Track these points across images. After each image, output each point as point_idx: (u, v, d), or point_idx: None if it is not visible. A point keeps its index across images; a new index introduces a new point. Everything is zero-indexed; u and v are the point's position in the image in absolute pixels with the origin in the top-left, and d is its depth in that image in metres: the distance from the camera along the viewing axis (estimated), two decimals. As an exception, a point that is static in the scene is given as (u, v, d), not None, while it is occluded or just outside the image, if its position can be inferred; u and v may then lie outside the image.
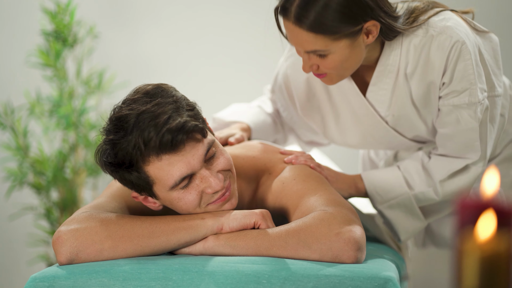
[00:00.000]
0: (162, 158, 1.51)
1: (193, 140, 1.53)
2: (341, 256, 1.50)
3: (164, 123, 1.49)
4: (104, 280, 1.48)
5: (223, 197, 1.58)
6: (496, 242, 0.71)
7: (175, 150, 1.51)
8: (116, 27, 3.32)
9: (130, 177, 1.54)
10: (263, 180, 1.74)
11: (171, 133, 1.49)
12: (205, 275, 1.48)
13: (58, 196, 3.01)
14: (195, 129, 1.52)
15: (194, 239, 1.56)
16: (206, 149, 1.55)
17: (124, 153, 1.51)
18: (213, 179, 1.55)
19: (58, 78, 2.98)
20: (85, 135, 3.00)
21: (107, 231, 1.54)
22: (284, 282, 1.46)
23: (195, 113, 1.57)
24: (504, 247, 0.71)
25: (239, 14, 3.31)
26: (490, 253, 0.70)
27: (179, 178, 1.53)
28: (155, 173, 1.52)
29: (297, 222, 1.54)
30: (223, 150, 1.60)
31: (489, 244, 0.70)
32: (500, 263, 0.70)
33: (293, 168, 1.73)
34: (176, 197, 1.56)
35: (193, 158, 1.53)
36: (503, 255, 0.70)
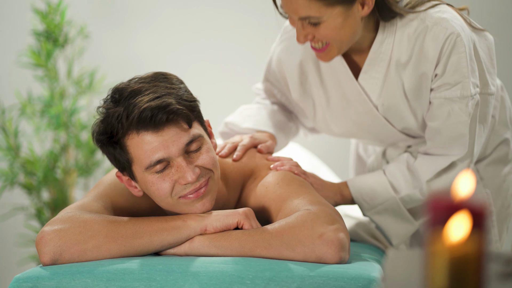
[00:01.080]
0: (141, 135, 1.52)
1: (176, 126, 1.54)
2: (325, 258, 1.51)
3: (149, 100, 1.51)
4: (88, 281, 1.48)
5: (196, 193, 1.57)
6: (466, 244, 0.70)
7: (155, 130, 1.52)
8: (107, 27, 3.32)
9: (114, 152, 1.56)
10: (247, 184, 1.74)
11: (151, 110, 1.51)
12: (189, 276, 1.47)
13: (49, 196, 3.01)
14: (178, 112, 1.53)
15: (177, 240, 1.56)
16: (188, 140, 1.55)
17: (109, 123, 1.54)
18: (188, 170, 1.54)
19: (49, 78, 2.97)
20: (76, 135, 3.00)
21: (90, 231, 1.54)
22: (268, 282, 1.46)
23: (189, 105, 1.57)
24: (473, 249, 0.70)
25: (232, 15, 3.31)
26: (459, 255, 0.70)
27: (155, 160, 1.54)
28: (134, 150, 1.54)
29: (280, 223, 1.54)
30: (210, 150, 1.59)
31: (458, 246, 0.70)
32: (469, 265, 0.70)
33: (276, 173, 1.72)
34: (150, 181, 1.56)
35: (173, 144, 1.53)
36: (472, 257, 0.70)
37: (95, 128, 1.58)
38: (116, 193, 1.67)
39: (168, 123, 1.53)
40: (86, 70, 3.08)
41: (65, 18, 2.97)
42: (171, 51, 3.33)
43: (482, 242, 0.73)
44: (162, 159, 1.54)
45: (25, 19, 3.14)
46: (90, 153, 3.02)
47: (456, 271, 0.70)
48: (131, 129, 1.52)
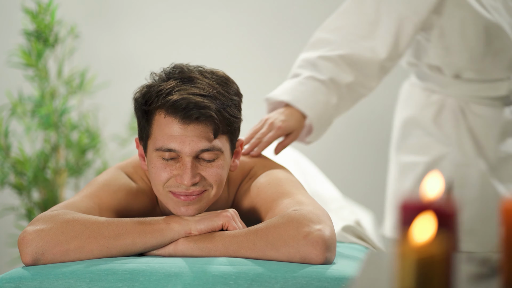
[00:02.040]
0: (167, 118, 1.54)
1: (202, 129, 1.54)
2: (309, 258, 1.50)
3: (194, 94, 1.53)
4: (71, 281, 1.48)
5: (186, 197, 1.57)
6: (433, 245, 0.70)
7: (182, 121, 1.53)
8: (98, 27, 3.32)
9: (141, 118, 1.59)
10: (243, 184, 1.74)
11: (188, 103, 1.52)
12: (172, 276, 1.47)
13: (39, 196, 3.00)
14: (210, 119, 1.53)
15: (160, 243, 1.55)
16: (206, 147, 1.55)
17: (150, 92, 1.57)
18: (188, 172, 1.54)
19: (39, 78, 2.97)
20: (66, 135, 2.99)
21: (73, 232, 1.53)
22: (251, 283, 1.46)
23: (228, 119, 1.56)
24: (441, 250, 0.70)
25: (222, 14, 3.30)
26: (426, 256, 0.69)
27: (167, 147, 1.55)
28: (156, 127, 1.56)
29: (266, 223, 1.54)
30: (222, 167, 1.58)
31: (425, 247, 0.69)
32: (436, 266, 0.70)
33: (268, 174, 1.72)
34: (154, 163, 1.58)
35: (190, 143, 1.54)
36: (439, 258, 0.70)
37: (139, 89, 1.61)
38: (108, 194, 1.66)
39: (196, 122, 1.53)
40: (77, 70, 3.08)
41: (56, 18, 2.96)
42: (162, 51, 3.33)
43: (450, 243, 0.72)
44: (173, 150, 1.55)
45: (15, 19, 3.14)
46: (81, 153, 3.01)
47: (423, 272, 0.69)
48: (161, 109, 1.54)
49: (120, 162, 1.85)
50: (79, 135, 3.01)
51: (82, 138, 3.00)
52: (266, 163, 1.76)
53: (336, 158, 3.21)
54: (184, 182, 1.55)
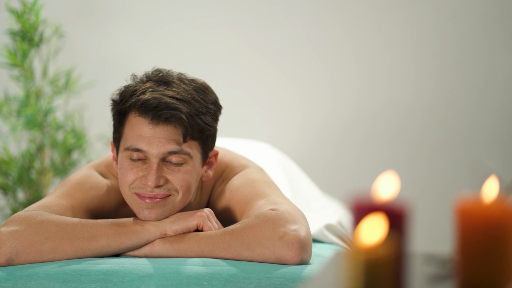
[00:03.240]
0: (139, 118, 1.54)
1: (171, 132, 1.54)
2: (284, 259, 1.50)
3: (167, 95, 1.54)
4: (44, 282, 1.48)
5: (150, 199, 1.56)
6: (382, 246, 0.69)
7: (152, 122, 1.53)
8: (84, 27, 3.31)
9: (116, 119, 1.60)
10: (216, 186, 1.73)
11: (159, 103, 1.53)
12: (146, 277, 1.47)
13: (25, 196, 2.99)
14: (180, 122, 1.53)
15: (135, 244, 1.55)
16: (173, 150, 1.54)
17: (125, 91, 1.58)
18: (153, 173, 1.54)
19: (25, 78, 2.96)
20: (51, 135, 2.99)
21: (47, 232, 1.53)
22: (225, 284, 1.45)
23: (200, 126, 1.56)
24: (389, 252, 0.70)
25: (211, 13, 3.30)
26: (374, 257, 0.69)
27: (135, 147, 1.55)
28: (127, 127, 1.57)
29: (242, 223, 1.53)
30: (189, 173, 1.57)
31: (373, 248, 0.69)
32: (384, 267, 0.69)
33: (241, 176, 1.71)
34: (122, 163, 1.58)
35: (158, 145, 1.54)
36: (387, 259, 0.69)
37: (117, 89, 1.62)
38: (82, 193, 1.66)
39: (165, 123, 1.53)
40: (62, 69, 3.07)
41: (40, 18, 2.95)
42: (149, 51, 3.32)
43: (400, 245, 0.72)
44: (141, 150, 1.55)
45: (0, 19, 3.13)
46: (66, 153, 3.00)
47: (371, 273, 0.69)
48: (134, 107, 1.55)
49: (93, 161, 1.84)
50: (65, 135, 3.00)
51: (68, 138, 2.99)
52: (239, 164, 1.76)
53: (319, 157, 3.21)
54: (148, 183, 1.54)
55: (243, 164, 1.75)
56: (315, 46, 3.20)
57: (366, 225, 0.70)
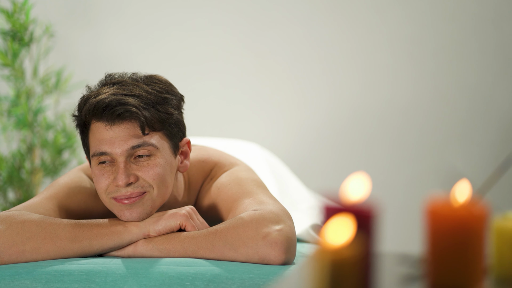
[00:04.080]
0: (97, 123, 1.55)
1: (129, 127, 1.54)
2: (268, 259, 1.49)
3: (114, 94, 1.54)
4: (27, 282, 1.47)
5: (126, 199, 1.56)
6: (348, 247, 0.69)
7: (107, 123, 1.54)
8: (75, 26, 3.30)
9: (81, 134, 1.60)
10: (204, 185, 1.73)
11: (109, 102, 1.52)
12: (128, 277, 1.46)
13: (15, 196, 2.99)
14: (133, 115, 1.53)
15: (118, 245, 1.55)
16: (135, 144, 1.54)
17: (80, 102, 1.59)
18: (121, 173, 1.54)
19: (15, 78, 2.96)
20: (42, 135, 2.98)
21: (29, 233, 1.53)
22: (208, 284, 1.45)
23: (159, 115, 1.56)
24: (355, 253, 0.70)
25: (203, 13, 3.29)
26: (340, 258, 0.69)
27: (99, 151, 1.55)
28: (91, 135, 1.57)
29: (226, 223, 1.53)
30: (158, 165, 1.56)
31: (339, 249, 0.69)
32: (349, 268, 0.69)
33: (229, 174, 1.71)
34: (93, 171, 1.58)
35: (119, 143, 1.54)
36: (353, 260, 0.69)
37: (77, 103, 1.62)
38: (68, 196, 1.66)
39: (120, 121, 1.53)
40: (53, 69, 3.07)
41: (31, 17, 2.95)
42: (141, 50, 3.32)
43: (367, 246, 0.72)
44: (105, 153, 1.55)
45: (-9, 18, 3.12)
46: (57, 153, 3.00)
47: (335, 274, 0.69)
48: (90, 114, 1.55)
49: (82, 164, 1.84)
50: (55, 135, 3.00)
51: (58, 138, 2.99)
52: (228, 162, 1.75)
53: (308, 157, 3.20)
54: (118, 182, 1.54)
55: (231, 163, 1.75)
56: (307, 46, 3.20)
57: (333, 225, 0.70)
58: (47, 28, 3.00)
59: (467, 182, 0.82)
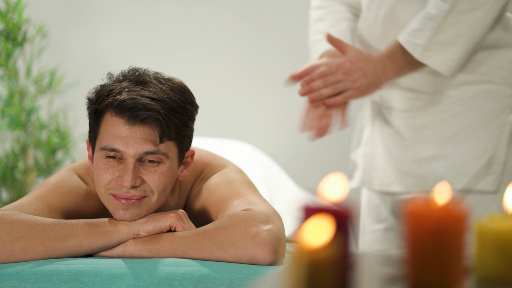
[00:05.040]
0: (116, 118, 1.53)
1: (148, 132, 1.53)
2: (256, 260, 1.49)
3: (143, 96, 1.53)
4: (15, 282, 1.47)
5: (126, 200, 1.56)
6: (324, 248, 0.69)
7: (128, 122, 1.53)
8: (68, 26, 3.30)
9: (91, 118, 1.59)
10: (194, 186, 1.73)
11: (136, 104, 1.52)
12: (117, 278, 1.46)
13: (8, 196, 2.99)
14: (157, 122, 1.53)
15: (107, 245, 1.55)
16: (149, 151, 1.54)
17: (102, 91, 1.57)
18: (129, 174, 1.53)
19: (8, 78, 2.95)
20: (35, 135, 2.98)
21: (18, 233, 1.52)
22: (196, 284, 1.45)
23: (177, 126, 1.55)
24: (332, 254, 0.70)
25: (197, 12, 3.29)
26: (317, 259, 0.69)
27: (111, 147, 1.54)
28: (104, 126, 1.55)
29: (215, 224, 1.53)
30: (165, 174, 1.56)
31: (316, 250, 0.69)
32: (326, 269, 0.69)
33: (219, 175, 1.71)
34: (98, 163, 1.57)
35: (134, 145, 1.53)
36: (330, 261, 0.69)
37: (93, 88, 1.60)
38: (58, 196, 1.65)
39: (142, 123, 1.53)
40: (46, 69, 3.07)
41: (24, 17, 2.95)
42: (134, 49, 3.32)
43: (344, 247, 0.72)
44: (117, 150, 1.54)
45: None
46: (51, 153, 3.00)
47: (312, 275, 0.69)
48: (110, 107, 1.54)
49: (73, 163, 1.84)
50: (49, 135, 3.00)
51: (52, 138, 2.99)
52: (218, 164, 1.75)
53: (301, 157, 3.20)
54: (124, 183, 1.53)
55: (222, 164, 1.75)
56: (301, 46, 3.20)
57: (310, 226, 0.70)
58: (40, 28, 3.00)
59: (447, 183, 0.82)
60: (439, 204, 0.80)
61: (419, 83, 1.84)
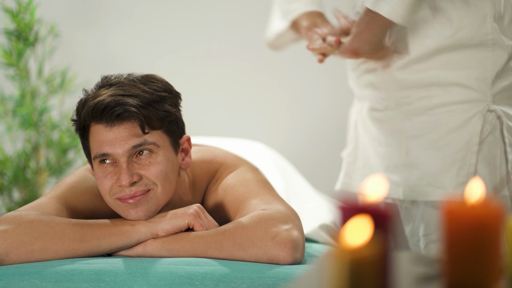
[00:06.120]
0: (95, 126, 1.56)
1: (129, 127, 1.55)
2: (277, 259, 1.50)
3: (111, 95, 1.55)
4: (36, 282, 1.47)
5: (130, 199, 1.56)
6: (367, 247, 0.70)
7: (107, 124, 1.54)
8: (79, 26, 3.31)
9: (81, 138, 1.61)
10: (210, 186, 1.73)
11: (107, 104, 1.53)
12: (138, 277, 1.47)
13: (20, 196, 2.99)
14: (132, 114, 1.54)
15: (126, 245, 1.55)
16: (136, 144, 1.55)
17: (78, 105, 1.59)
18: (124, 172, 1.54)
19: (20, 78, 2.96)
20: (47, 135, 2.99)
21: (37, 232, 1.53)
22: (217, 283, 1.45)
23: (157, 114, 1.56)
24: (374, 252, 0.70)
25: (207, 12, 3.30)
26: (359, 257, 0.69)
27: (100, 153, 1.56)
28: (91, 138, 1.58)
29: (234, 223, 1.53)
30: (160, 163, 1.57)
31: (358, 249, 0.69)
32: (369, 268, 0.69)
33: (235, 175, 1.71)
34: (96, 174, 1.59)
35: (120, 143, 1.55)
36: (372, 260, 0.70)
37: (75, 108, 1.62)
38: (75, 196, 1.66)
39: (120, 121, 1.54)
40: (58, 69, 3.07)
41: (36, 17, 2.95)
42: (145, 50, 3.32)
43: (385, 246, 0.72)
44: (106, 154, 1.55)
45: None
46: (62, 152, 3.00)
47: (355, 274, 0.69)
48: (89, 117, 1.56)
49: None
50: (60, 135, 3.01)
51: (63, 138, 2.99)
52: (232, 163, 1.76)
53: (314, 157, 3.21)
54: (122, 182, 1.54)
55: (236, 163, 1.75)
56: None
57: (352, 225, 0.70)
58: (52, 28, 3.00)
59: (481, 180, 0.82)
60: (474, 202, 0.80)
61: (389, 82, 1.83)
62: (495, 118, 1.76)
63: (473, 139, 1.75)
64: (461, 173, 1.75)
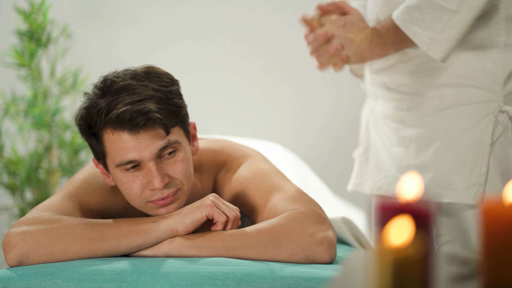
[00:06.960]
0: (116, 133, 1.52)
1: (153, 131, 1.53)
2: (314, 257, 1.50)
3: (131, 102, 1.51)
4: (59, 282, 1.48)
5: (162, 201, 1.56)
6: (409, 246, 0.70)
7: (131, 132, 1.52)
8: (91, 27, 3.31)
9: (91, 141, 1.57)
10: (220, 176, 1.72)
11: (131, 113, 1.50)
12: (160, 277, 1.47)
13: (32, 196, 3.00)
14: (157, 121, 1.52)
15: (146, 242, 1.54)
16: (163, 145, 1.54)
17: (89, 114, 1.54)
18: (156, 176, 1.54)
19: (32, 78, 2.96)
20: (59, 135, 2.99)
21: (57, 234, 1.53)
22: (239, 283, 1.45)
23: (173, 111, 1.56)
24: (417, 252, 0.70)
25: (217, 13, 3.30)
26: (402, 257, 0.69)
27: (126, 160, 1.54)
28: (109, 145, 1.54)
29: (269, 222, 1.52)
30: (184, 160, 1.57)
31: (401, 248, 0.69)
32: (412, 267, 0.70)
33: (249, 166, 1.70)
34: (121, 179, 1.57)
35: (146, 148, 1.53)
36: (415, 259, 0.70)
37: (78, 113, 1.58)
38: (87, 192, 1.66)
39: (145, 127, 1.52)
40: (70, 70, 3.07)
41: (48, 18, 2.96)
42: (156, 50, 3.32)
43: (427, 245, 0.72)
44: (133, 160, 1.54)
45: (8, 19, 3.13)
46: (74, 153, 3.01)
47: (399, 273, 0.69)
48: (108, 126, 1.52)
49: None
50: (72, 135, 3.01)
51: (75, 138, 3.00)
52: (241, 153, 1.75)
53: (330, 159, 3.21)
54: (155, 186, 1.54)
55: (245, 154, 1.74)
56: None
57: (394, 225, 0.70)
58: (64, 28, 3.01)
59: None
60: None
61: (401, 83, 1.83)
62: (506, 118, 1.75)
63: (484, 140, 1.74)
64: (473, 174, 1.75)
